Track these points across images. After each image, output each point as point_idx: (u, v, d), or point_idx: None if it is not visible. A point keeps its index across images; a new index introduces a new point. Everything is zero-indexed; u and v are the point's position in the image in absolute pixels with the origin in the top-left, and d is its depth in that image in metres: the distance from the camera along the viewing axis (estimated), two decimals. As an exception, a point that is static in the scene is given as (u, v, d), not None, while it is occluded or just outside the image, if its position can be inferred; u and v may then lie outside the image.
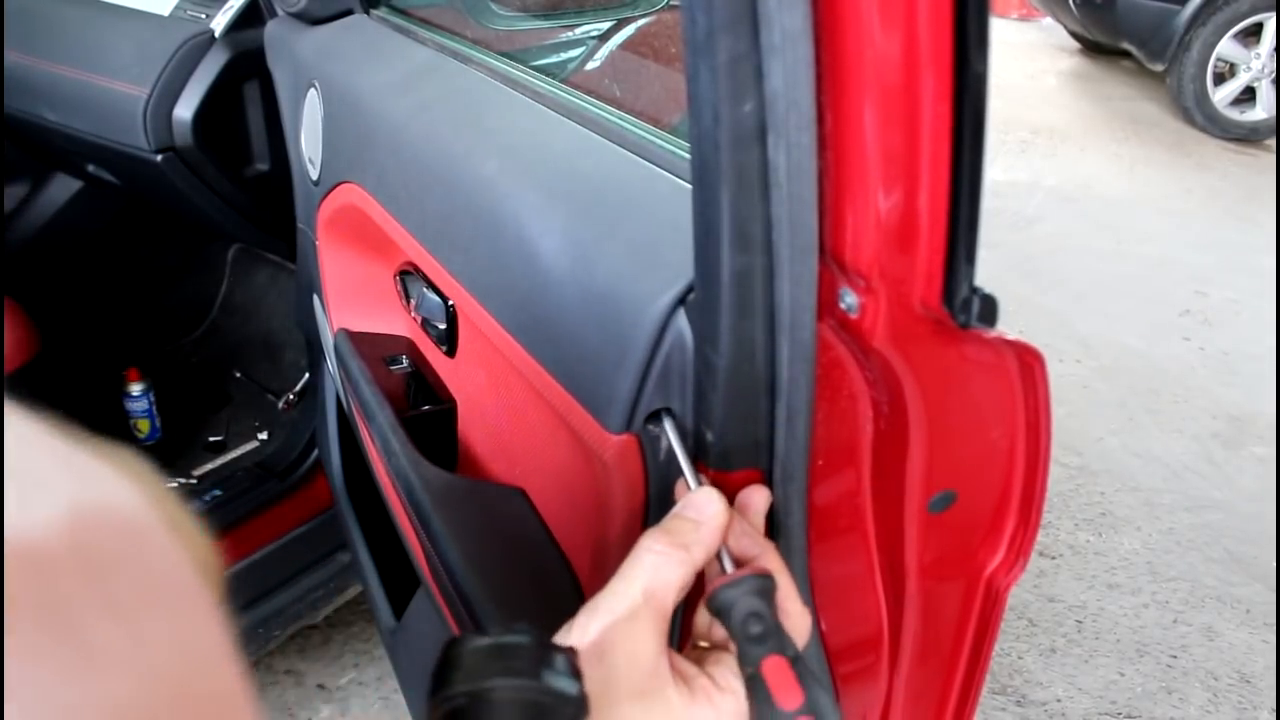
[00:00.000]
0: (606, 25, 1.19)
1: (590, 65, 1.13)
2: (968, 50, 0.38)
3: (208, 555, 0.28)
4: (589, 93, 0.75)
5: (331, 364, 1.15)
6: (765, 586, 0.43)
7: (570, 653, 0.37)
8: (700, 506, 0.43)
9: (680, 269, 0.50)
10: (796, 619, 0.44)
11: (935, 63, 0.38)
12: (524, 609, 0.68)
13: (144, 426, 1.96)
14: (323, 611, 1.63)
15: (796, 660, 0.41)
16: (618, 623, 0.39)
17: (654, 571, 0.41)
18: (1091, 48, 6.28)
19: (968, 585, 0.56)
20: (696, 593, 0.52)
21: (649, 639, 0.40)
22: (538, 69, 0.85)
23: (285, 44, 1.17)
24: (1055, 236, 3.71)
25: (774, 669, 0.40)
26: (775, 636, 0.41)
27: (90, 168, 1.73)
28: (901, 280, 0.43)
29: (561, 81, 0.81)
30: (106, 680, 0.17)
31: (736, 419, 0.47)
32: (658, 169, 0.60)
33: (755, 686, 0.40)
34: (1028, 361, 0.47)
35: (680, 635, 0.58)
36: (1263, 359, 2.88)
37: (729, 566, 0.44)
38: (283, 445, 1.74)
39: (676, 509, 0.44)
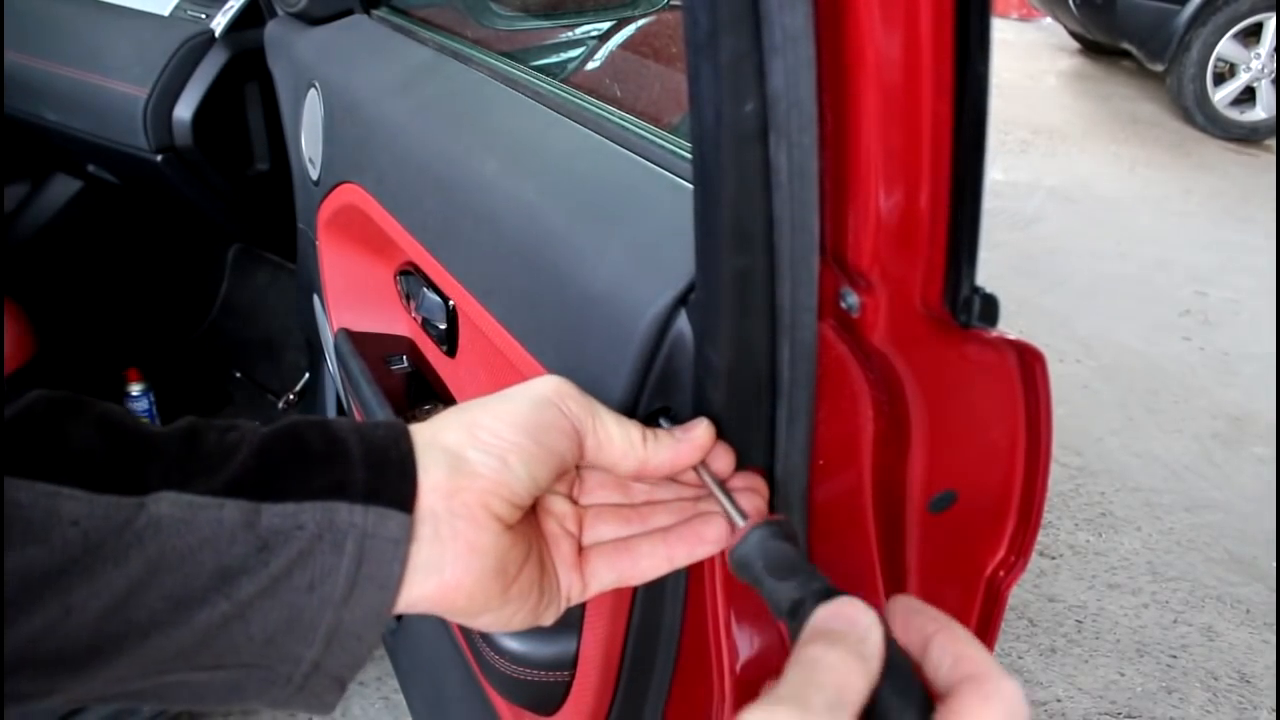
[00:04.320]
0: (606, 25, 1.19)
1: (590, 65, 1.13)
2: (969, 50, 0.38)
3: None
4: (589, 93, 0.75)
5: (331, 364, 1.15)
6: (780, 530, 0.43)
7: None
8: (853, 619, 0.38)
9: (681, 269, 0.50)
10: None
11: (936, 63, 0.38)
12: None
13: (144, 426, 1.96)
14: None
15: (831, 591, 0.40)
16: None
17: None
18: (1091, 48, 6.28)
19: (968, 585, 0.56)
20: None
21: None
22: (538, 69, 0.85)
23: (285, 44, 1.17)
24: (1055, 236, 3.71)
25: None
26: (802, 572, 0.41)
27: (90, 168, 1.73)
28: (903, 280, 0.43)
29: (561, 81, 0.81)
30: None
31: (737, 419, 0.47)
32: (658, 169, 0.60)
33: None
34: (1029, 361, 0.47)
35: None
36: (1263, 359, 2.88)
37: (739, 521, 0.44)
38: (283, 445, 1.74)
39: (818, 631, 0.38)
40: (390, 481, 0.39)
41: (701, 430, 0.45)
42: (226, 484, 0.37)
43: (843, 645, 0.37)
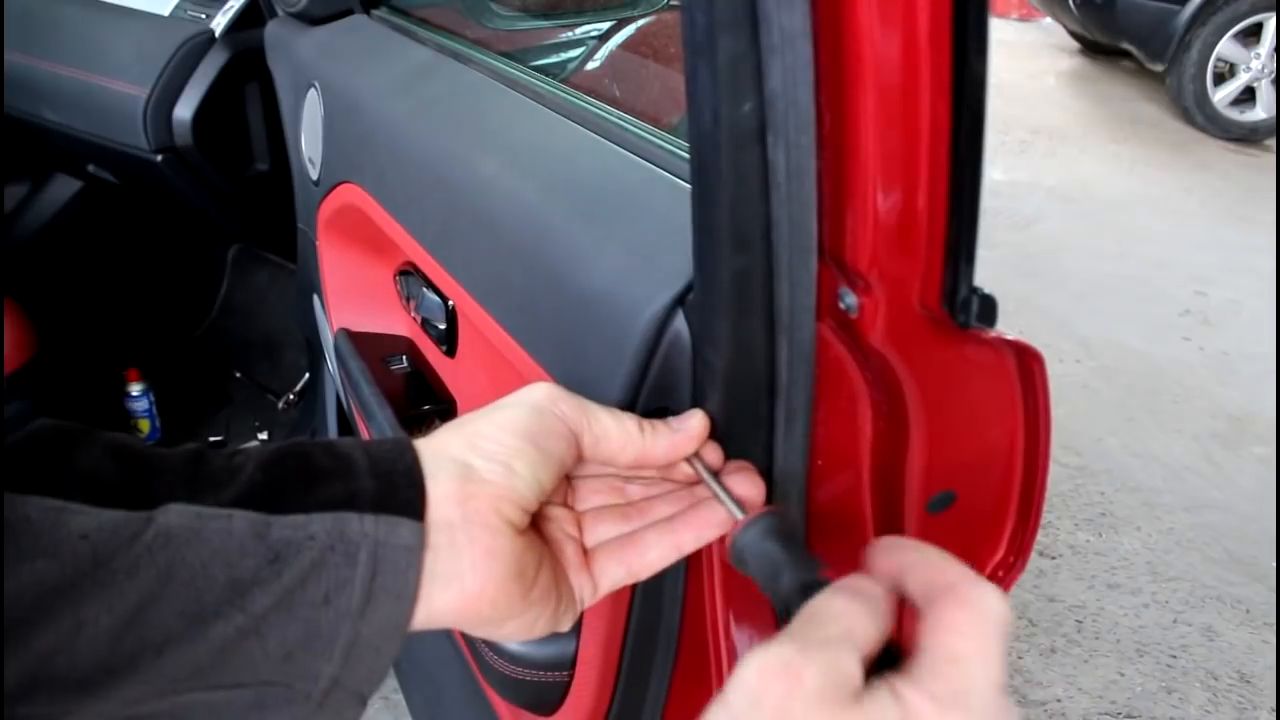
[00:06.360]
0: (606, 25, 1.19)
1: (590, 65, 1.13)
2: (967, 50, 0.38)
3: None
4: (589, 93, 0.75)
5: (331, 364, 1.15)
6: (780, 522, 0.43)
7: None
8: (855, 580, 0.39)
9: (679, 269, 0.50)
10: None
11: (934, 63, 0.38)
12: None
13: (144, 426, 1.96)
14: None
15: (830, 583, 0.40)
16: None
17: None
18: (1091, 48, 6.28)
19: (967, 585, 0.55)
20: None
21: None
22: (538, 69, 0.85)
23: (285, 44, 1.17)
24: (1055, 236, 3.71)
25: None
26: (801, 565, 0.41)
27: (90, 168, 1.73)
28: (901, 280, 0.42)
29: (561, 81, 0.81)
30: None
31: (735, 419, 0.47)
32: (657, 169, 0.60)
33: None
34: (1027, 361, 0.47)
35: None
36: (1263, 359, 2.88)
37: (738, 513, 0.44)
38: (283, 445, 1.74)
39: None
40: (399, 490, 0.39)
41: (697, 420, 0.46)
42: (234, 497, 0.37)
43: (845, 592, 0.38)
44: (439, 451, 0.41)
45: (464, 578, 0.39)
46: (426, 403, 0.94)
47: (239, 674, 0.36)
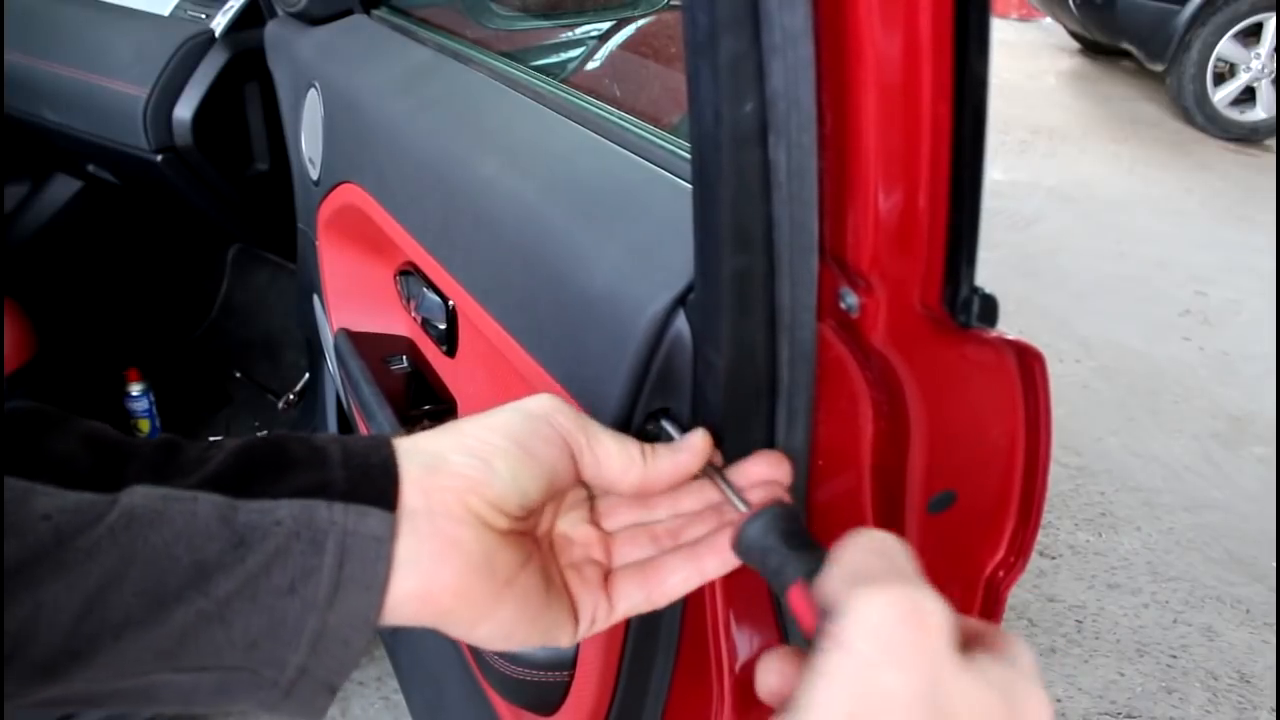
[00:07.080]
0: (606, 25, 1.19)
1: (590, 65, 1.13)
2: (968, 50, 0.38)
3: None
4: (589, 93, 0.75)
5: (331, 364, 1.15)
6: (785, 514, 0.42)
7: None
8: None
9: (680, 269, 0.50)
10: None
11: (936, 62, 0.38)
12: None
13: (144, 426, 1.96)
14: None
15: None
16: None
17: None
18: (1091, 48, 6.28)
19: (967, 585, 0.56)
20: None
21: None
22: (538, 69, 0.85)
23: (285, 44, 1.17)
24: (1055, 236, 3.71)
25: (795, 596, 0.38)
26: (795, 561, 0.40)
27: (90, 168, 1.73)
28: (902, 280, 0.43)
29: (561, 81, 0.81)
30: None
31: (736, 419, 0.47)
32: (658, 169, 0.60)
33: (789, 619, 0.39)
34: (1028, 361, 0.47)
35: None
36: (1263, 359, 2.88)
37: (741, 505, 0.44)
38: (283, 445, 1.74)
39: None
40: (372, 480, 0.39)
41: (699, 437, 0.45)
42: (201, 480, 0.37)
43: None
44: (415, 446, 0.41)
45: (422, 564, 0.39)
46: (427, 403, 0.94)
47: (202, 658, 0.36)
